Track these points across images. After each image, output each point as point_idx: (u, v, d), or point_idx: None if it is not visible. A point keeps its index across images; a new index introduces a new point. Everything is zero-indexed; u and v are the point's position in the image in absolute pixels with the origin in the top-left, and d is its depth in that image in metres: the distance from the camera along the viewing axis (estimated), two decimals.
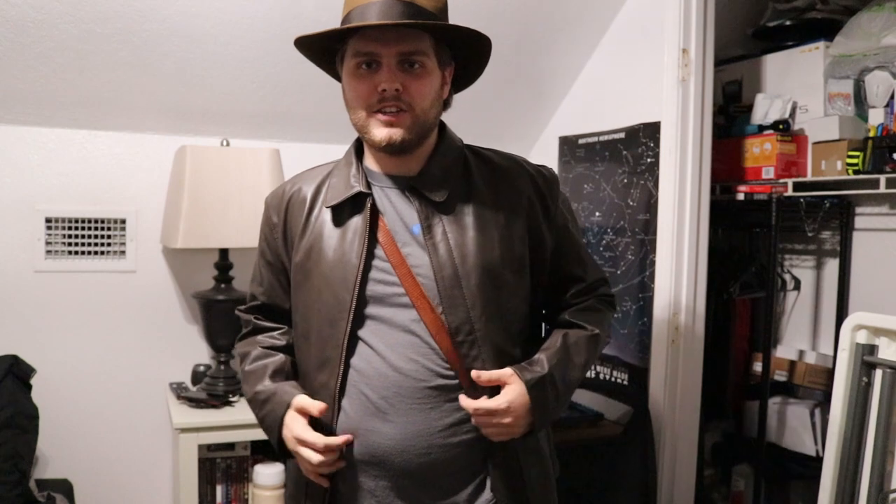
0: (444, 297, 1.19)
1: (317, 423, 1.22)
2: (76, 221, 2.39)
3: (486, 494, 1.23)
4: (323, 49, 1.26)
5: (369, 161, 1.29)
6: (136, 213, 2.45)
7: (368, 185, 1.25)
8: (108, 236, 2.43)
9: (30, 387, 2.21)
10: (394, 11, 1.14)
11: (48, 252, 2.36)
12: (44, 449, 2.32)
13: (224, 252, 2.39)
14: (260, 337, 1.38)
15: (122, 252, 2.44)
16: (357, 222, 1.23)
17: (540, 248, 1.30)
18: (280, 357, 1.34)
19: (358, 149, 1.31)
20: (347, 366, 1.21)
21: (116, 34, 2.09)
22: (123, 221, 2.44)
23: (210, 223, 2.21)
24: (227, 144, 2.40)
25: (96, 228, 2.41)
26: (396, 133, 1.18)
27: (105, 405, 2.44)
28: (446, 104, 1.29)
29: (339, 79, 1.27)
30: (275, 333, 1.37)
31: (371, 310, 1.21)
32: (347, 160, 1.30)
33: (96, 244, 2.42)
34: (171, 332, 2.52)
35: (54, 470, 2.37)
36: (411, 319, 1.20)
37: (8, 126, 2.30)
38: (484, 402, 1.16)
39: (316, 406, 1.20)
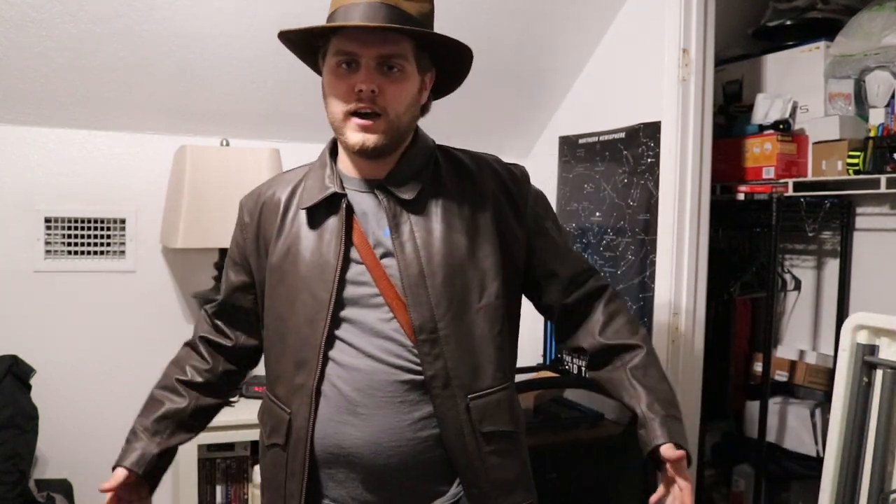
0: (410, 295, 1.21)
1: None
2: (76, 221, 2.39)
3: (454, 489, 1.26)
4: (307, 45, 1.28)
5: (343, 164, 1.30)
6: (135, 213, 2.45)
7: (342, 187, 1.26)
8: (108, 236, 2.43)
9: (29, 387, 2.21)
10: (377, 15, 1.16)
11: (48, 252, 2.36)
12: (43, 449, 2.32)
13: (224, 252, 2.39)
14: (188, 363, 1.42)
15: (122, 252, 2.44)
16: (333, 223, 1.25)
17: (514, 245, 1.31)
18: (181, 404, 1.39)
19: (332, 151, 1.32)
20: (325, 363, 1.23)
21: (116, 34, 2.09)
22: (123, 221, 2.44)
23: (210, 223, 2.21)
24: (227, 144, 2.40)
25: (96, 228, 2.41)
26: (370, 139, 1.19)
27: (105, 405, 2.43)
28: (424, 109, 1.29)
29: (321, 74, 1.29)
30: (202, 367, 1.41)
31: (347, 310, 1.23)
32: (322, 162, 1.32)
33: (96, 244, 2.42)
34: (171, 332, 2.51)
35: (54, 470, 2.37)
36: (385, 318, 1.23)
37: (8, 126, 2.30)
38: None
39: (112, 483, 1.29)
